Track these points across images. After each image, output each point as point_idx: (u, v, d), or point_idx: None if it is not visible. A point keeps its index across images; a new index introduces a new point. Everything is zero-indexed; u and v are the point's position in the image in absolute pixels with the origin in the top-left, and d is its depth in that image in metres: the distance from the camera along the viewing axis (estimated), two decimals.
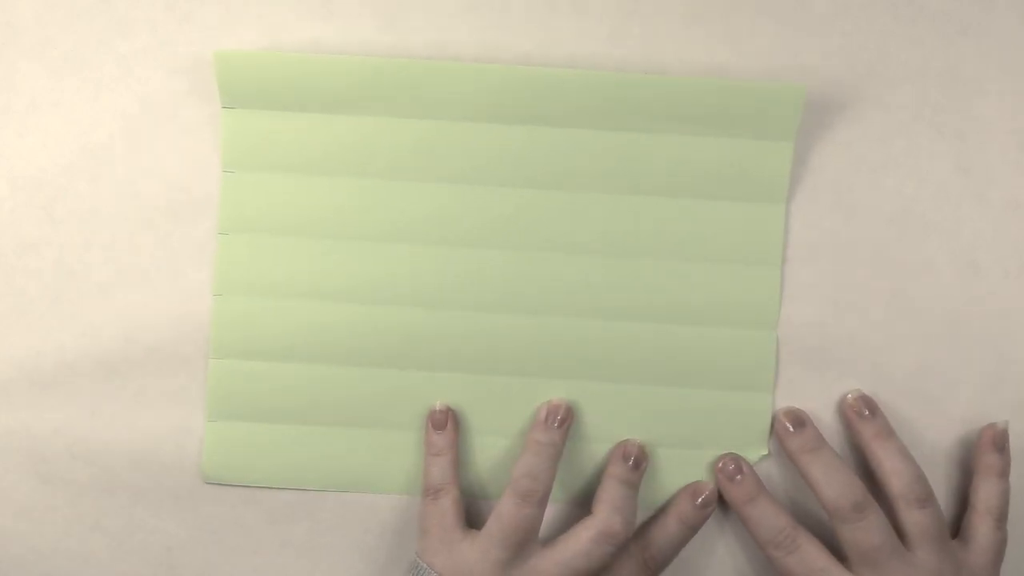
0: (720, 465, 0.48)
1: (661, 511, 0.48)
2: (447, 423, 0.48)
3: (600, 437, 0.49)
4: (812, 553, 0.45)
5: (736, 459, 0.48)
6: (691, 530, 0.47)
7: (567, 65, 0.49)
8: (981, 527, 0.46)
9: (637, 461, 0.47)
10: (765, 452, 0.49)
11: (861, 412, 0.47)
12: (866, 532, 0.44)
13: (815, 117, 0.49)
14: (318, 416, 0.49)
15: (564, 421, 0.47)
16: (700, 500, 0.47)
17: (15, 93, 0.49)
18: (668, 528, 0.47)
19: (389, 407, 0.49)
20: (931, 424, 0.49)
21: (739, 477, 0.47)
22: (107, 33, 0.49)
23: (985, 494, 0.46)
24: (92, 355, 0.49)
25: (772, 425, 0.48)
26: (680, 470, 0.49)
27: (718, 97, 0.48)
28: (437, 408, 0.48)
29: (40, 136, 0.49)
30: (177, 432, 0.49)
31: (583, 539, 0.45)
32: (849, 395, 0.48)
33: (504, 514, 0.45)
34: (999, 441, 0.47)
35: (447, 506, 0.46)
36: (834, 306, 0.49)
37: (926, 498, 0.45)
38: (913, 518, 0.45)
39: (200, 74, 0.49)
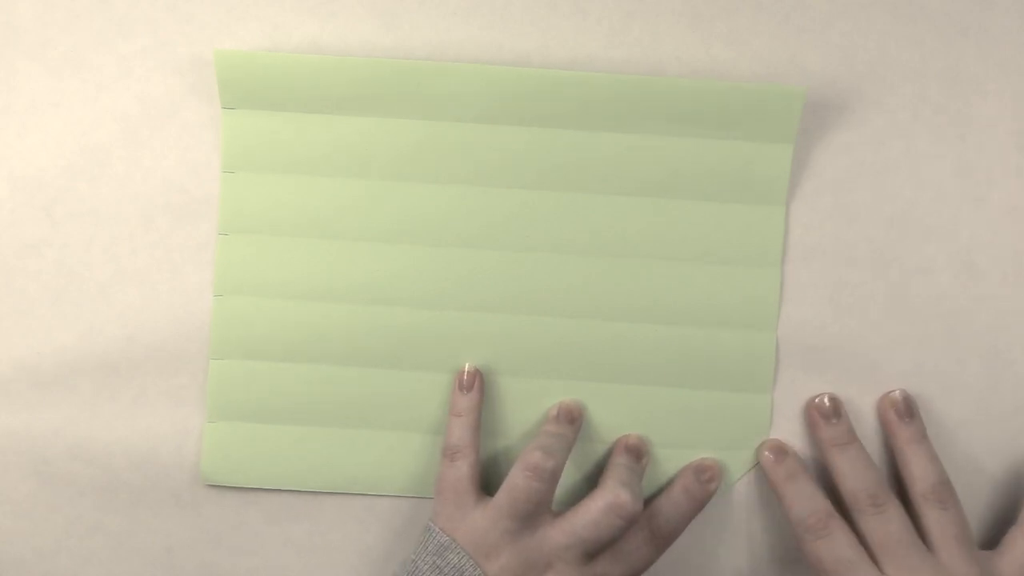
0: (765, 450, 0.48)
1: (668, 485, 0.49)
2: (474, 385, 0.48)
3: (600, 438, 0.49)
4: (842, 542, 0.45)
5: (781, 444, 0.48)
6: (696, 503, 0.48)
7: (567, 66, 0.49)
8: (1022, 542, 0.46)
9: (639, 452, 0.48)
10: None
11: (901, 414, 0.48)
12: (883, 524, 0.45)
13: (814, 118, 0.49)
14: (318, 417, 0.49)
15: (575, 420, 0.48)
16: (705, 476, 0.48)
17: (15, 93, 0.49)
18: (674, 498, 0.48)
19: (389, 408, 0.49)
20: (930, 425, 0.49)
21: (782, 456, 0.48)
22: (107, 33, 0.49)
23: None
24: (92, 355, 0.49)
25: (804, 412, 0.49)
26: (675, 469, 0.49)
27: (719, 99, 0.48)
28: (466, 369, 0.48)
29: (40, 136, 0.49)
30: (177, 433, 0.49)
31: (592, 510, 0.45)
32: (894, 393, 0.48)
33: (514, 487, 0.45)
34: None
35: (463, 471, 0.47)
36: (834, 307, 0.49)
37: (948, 500, 0.46)
38: (934, 516, 0.45)
39: (200, 74, 0.49)
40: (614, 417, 0.49)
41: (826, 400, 0.48)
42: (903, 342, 0.49)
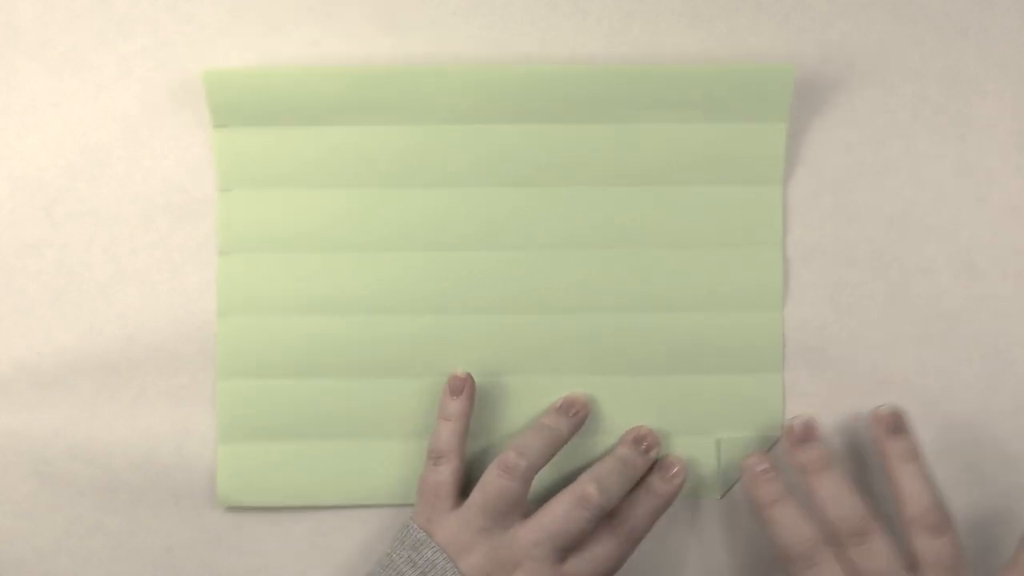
0: (752, 463, 0.47)
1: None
2: (463, 390, 0.48)
3: (611, 430, 0.49)
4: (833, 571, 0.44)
5: (763, 457, 0.47)
6: (661, 499, 0.47)
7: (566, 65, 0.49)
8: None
9: (649, 444, 0.48)
10: (779, 433, 0.49)
11: (889, 429, 0.46)
12: (865, 557, 0.43)
13: (815, 118, 0.49)
14: (328, 430, 0.48)
15: (578, 413, 0.48)
16: (669, 475, 0.48)
17: (15, 93, 0.49)
18: (638, 498, 0.47)
19: (399, 417, 0.48)
20: (930, 425, 0.49)
21: (769, 475, 0.46)
22: (107, 33, 0.49)
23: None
24: (92, 355, 0.49)
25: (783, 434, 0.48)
26: (693, 458, 0.49)
27: (709, 83, 0.48)
28: (458, 374, 0.48)
29: (40, 136, 0.49)
30: (177, 433, 0.49)
31: (559, 504, 0.45)
32: (882, 407, 0.47)
33: (486, 484, 0.45)
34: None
35: (445, 475, 0.47)
36: (834, 306, 0.49)
37: (942, 526, 0.44)
38: (925, 544, 0.43)
39: (199, 75, 0.49)
40: (625, 409, 0.49)
41: (799, 424, 0.47)
42: (903, 342, 0.49)
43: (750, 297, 0.49)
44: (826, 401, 0.49)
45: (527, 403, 0.49)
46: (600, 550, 0.46)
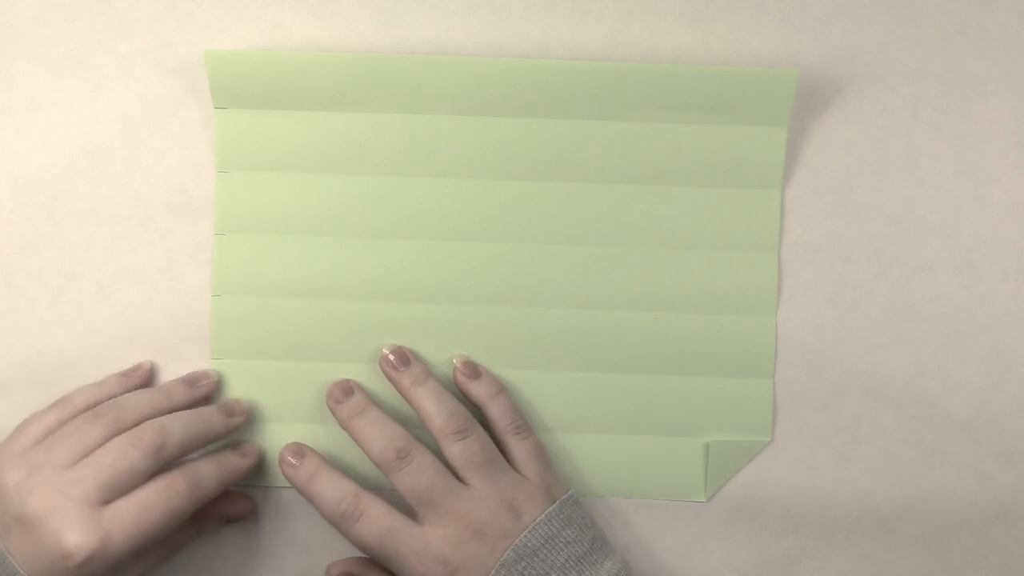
0: (287, 454, 0.47)
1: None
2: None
3: (602, 427, 0.49)
4: (377, 516, 0.45)
5: (299, 446, 0.47)
6: (229, 469, 0.46)
7: None
8: (509, 442, 0.47)
9: (231, 411, 0.48)
10: (768, 439, 0.49)
11: (396, 366, 0.48)
12: (413, 476, 0.45)
13: (814, 117, 0.49)
14: (320, 415, 0.49)
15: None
16: (242, 451, 0.48)
17: (15, 93, 0.49)
18: (208, 458, 0.46)
19: (392, 403, 0.49)
20: (930, 424, 0.49)
21: (301, 457, 0.47)
22: (107, 33, 0.49)
23: (493, 416, 0.47)
24: (92, 355, 0.49)
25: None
26: (680, 458, 0.49)
27: (712, 84, 0.48)
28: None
29: (40, 136, 0.49)
30: None
31: (112, 442, 0.44)
32: (384, 350, 0.48)
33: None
34: (469, 372, 0.48)
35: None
36: (834, 305, 0.49)
37: (463, 429, 0.46)
38: (452, 451, 0.46)
39: (200, 74, 0.49)
40: (615, 406, 0.49)
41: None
42: (904, 341, 0.49)
43: (745, 301, 0.49)
44: (826, 401, 0.49)
45: (519, 396, 0.49)
46: (150, 495, 0.43)
